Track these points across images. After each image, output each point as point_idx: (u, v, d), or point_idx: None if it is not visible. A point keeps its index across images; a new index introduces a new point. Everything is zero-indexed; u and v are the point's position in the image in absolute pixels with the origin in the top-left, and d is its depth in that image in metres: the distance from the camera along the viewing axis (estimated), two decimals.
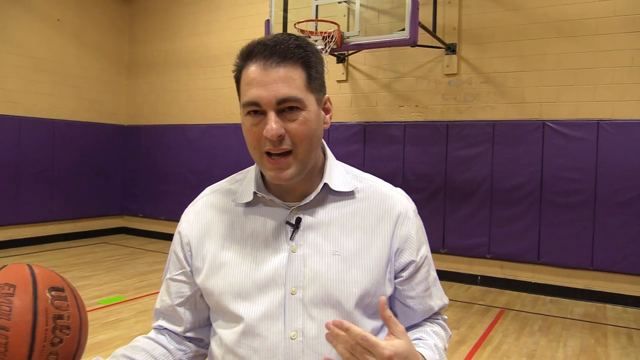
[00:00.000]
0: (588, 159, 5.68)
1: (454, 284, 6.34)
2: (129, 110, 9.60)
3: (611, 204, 5.56)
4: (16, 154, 7.81)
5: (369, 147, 6.95)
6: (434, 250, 6.48)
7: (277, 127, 0.93)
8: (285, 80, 0.94)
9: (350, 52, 6.84)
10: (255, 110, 0.96)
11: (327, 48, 5.33)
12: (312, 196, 1.04)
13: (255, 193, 1.05)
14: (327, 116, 1.05)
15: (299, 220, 1.03)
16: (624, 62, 5.53)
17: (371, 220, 1.06)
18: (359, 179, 1.11)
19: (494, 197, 6.16)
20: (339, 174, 1.08)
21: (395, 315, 1.10)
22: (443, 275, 6.49)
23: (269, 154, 0.97)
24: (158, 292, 1.21)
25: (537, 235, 5.94)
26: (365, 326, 1.02)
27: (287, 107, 0.95)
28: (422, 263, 1.10)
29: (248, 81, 0.96)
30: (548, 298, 5.82)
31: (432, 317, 1.15)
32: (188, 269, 1.11)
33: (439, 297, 1.14)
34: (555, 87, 5.89)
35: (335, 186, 1.05)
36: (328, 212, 1.05)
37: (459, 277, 6.43)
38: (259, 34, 7.30)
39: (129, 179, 9.45)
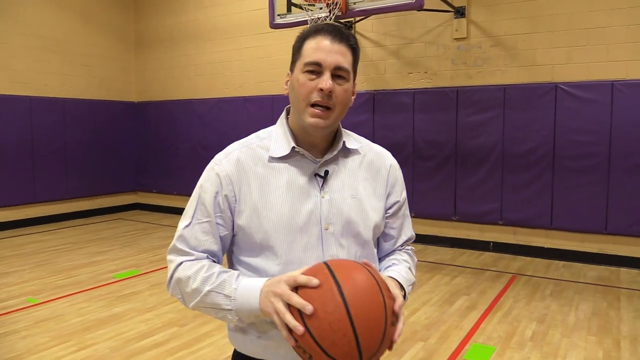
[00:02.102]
0: (602, 121, 5.55)
1: (465, 251, 6.33)
2: (138, 86, 9.61)
3: (626, 167, 5.45)
4: (29, 134, 7.90)
5: (378, 115, 6.88)
6: (444, 217, 6.50)
7: (331, 83, 1.22)
8: (343, 54, 1.25)
9: (357, 19, 6.72)
10: (313, 70, 1.23)
11: (331, 15, 5.23)
12: (335, 152, 1.33)
13: (293, 148, 1.29)
14: (352, 97, 1.35)
15: (326, 172, 1.31)
16: (638, 19, 5.35)
17: (372, 171, 1.39)
18: (358, 140, 1.43)
19: (506, 162, 6.09)
20: (347, 136, 1.40)
21: (378, 243, 1.45)
22: (455, 243, 6.47)
23: (313, 105, 1.23)
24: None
25: (549, 200, 5.87)
26: (372, 248, 1.38)
27: (337, 74, 1.24)
28: (403, 203, 1.45)
29: (315, 47, 1.24)
30: (561, 263, 5.79)
31: (403, 245, 1.48)
32: (228, 214, 1.28)
33: (409, 229, 1.49)
34: (567, 48, 5.73)
35: (349, 145, 1.36)
36: (344, 165, 1.36)
37: (471, 244, 6.41)
38: (264, 5, 7.20)
39: (141, 156, 9.53)
